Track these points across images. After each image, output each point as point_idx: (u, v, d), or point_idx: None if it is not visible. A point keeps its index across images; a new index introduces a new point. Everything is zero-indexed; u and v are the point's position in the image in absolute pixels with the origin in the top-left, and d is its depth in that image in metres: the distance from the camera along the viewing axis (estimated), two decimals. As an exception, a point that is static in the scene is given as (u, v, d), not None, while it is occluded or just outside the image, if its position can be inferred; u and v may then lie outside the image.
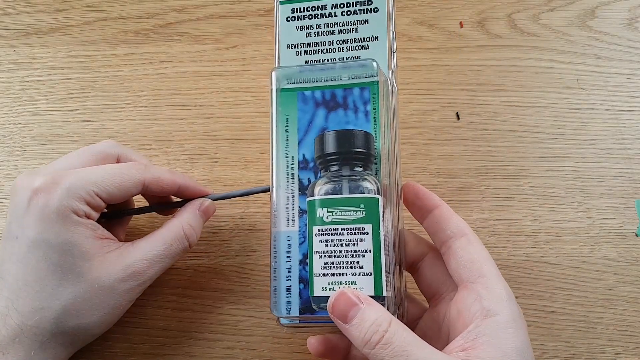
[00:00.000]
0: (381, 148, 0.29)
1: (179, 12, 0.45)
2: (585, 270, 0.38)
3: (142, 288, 0.31)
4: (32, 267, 0.28)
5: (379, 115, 0.30)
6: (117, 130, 0.42)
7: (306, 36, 0.32)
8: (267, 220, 0.39)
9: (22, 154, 0.41)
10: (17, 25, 0.45)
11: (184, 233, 0.32)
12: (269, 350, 0.36)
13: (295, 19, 0.33)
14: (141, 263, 0.30)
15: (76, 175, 0.29)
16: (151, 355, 0.36)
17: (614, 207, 0.39)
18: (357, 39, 0.32)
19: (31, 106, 0.43)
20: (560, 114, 0.42)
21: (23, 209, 0.29)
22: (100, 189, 0.29)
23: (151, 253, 0.31)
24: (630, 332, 0.37)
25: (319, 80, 0.31)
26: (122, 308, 0.31)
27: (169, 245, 0.31)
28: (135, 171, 0.31)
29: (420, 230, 0.33)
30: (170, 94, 0.43)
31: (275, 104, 0.30)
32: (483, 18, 0.45)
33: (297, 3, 0.33)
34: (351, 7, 0.32)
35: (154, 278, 0.31)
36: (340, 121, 0.30)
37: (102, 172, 0.30)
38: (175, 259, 0.32)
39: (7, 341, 0.28)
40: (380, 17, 0.32)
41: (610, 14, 0.44)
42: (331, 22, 0.32)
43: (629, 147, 0.41)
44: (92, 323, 0.30)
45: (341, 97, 0.30)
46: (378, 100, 0.30)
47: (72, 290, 0.29)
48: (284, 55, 0.33)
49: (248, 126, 0.42)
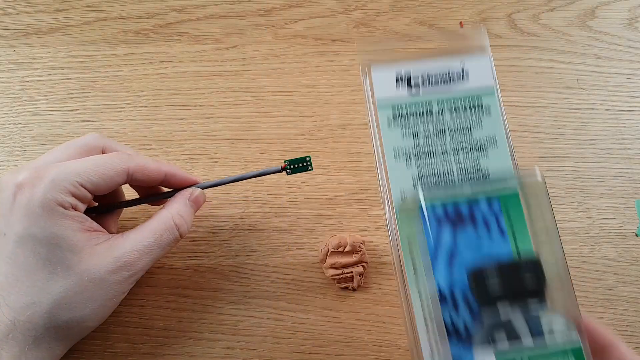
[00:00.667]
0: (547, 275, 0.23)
1: (179, 12, 0.45)
2: (585, 270, 0.38)
3: (134, 279, 0.31)
4: (21, 263, 0.28)
5: (522, 231, 0.24)
6: (117, 130, 0.42)
7: (415, 145, 0.27)
8: (267, 220, 0.39)
9: (22, 154, 0.41)
10: (17, 25, 0.45)
11: (174, 223, 0.32)
12: (269, 350, 0.36)
13: (397, 124, 0.28)
14: (131, 254, 0.30)
15: (59, 168, 0.29)
16: (151, 355, 0.36)
17: (614, 207, 0.39)
18: (473, 144, 0.27)
19: (31, 106, 0.43)
20: (560, 114, 0.42)
21: (8, 205, 0.29)
22: (84, 179, 0.29)
23: (141, 244, 0.31)
24: (630, 332, 0.37)
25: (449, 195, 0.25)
26: (114, 300, 0.31)
27: (159, 236, 0.31)
28: (118, 160, 0.31)
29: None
30: (170, 94, 0.43)
31: (401, 225, 0.25)
32: (483, 18, 0.45)
33: (398, 104, 0.28)
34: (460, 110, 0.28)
35: (145, 269, 0.31)
36: (471, 242, 0.25)
37: (85, 163, 0.30)
38: (166, 249, 0.32)
39: (1, 337, 0.28)
40: (493, 117, 0.27)
41: (610, 14, 0.44)
42: (440, 127, 0.27)
43: (629, 147, 0.41)
44: (85, 316, 0.30)
45: (467, 211, 0.25)
46: (517, 212, 0.25)
47: (63, 283, 0.29)
48: (391, 165, 0.27)
49: (248, 126, 0.42)
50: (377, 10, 0.45)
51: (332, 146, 0.41)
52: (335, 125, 0.42)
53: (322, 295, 0.38)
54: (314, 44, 0.44)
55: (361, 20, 0.45)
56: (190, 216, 0.33)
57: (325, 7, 0.45)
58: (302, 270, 0.38)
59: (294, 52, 0.44)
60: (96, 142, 0.33)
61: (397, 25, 0.44)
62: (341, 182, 0.40)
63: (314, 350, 0.36)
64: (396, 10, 0.45)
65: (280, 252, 0.39)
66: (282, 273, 0.38)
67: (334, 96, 0.42)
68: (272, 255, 0.38)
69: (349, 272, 0.37)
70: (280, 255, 0.38)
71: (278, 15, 0.45)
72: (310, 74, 0.43)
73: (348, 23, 0.45)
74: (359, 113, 0.42)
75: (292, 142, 0.41)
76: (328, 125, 0.42)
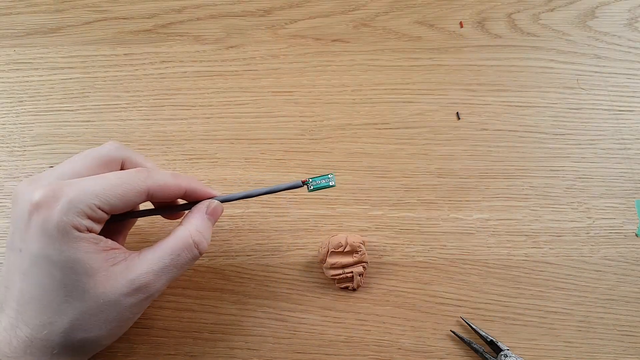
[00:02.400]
0: None
1: (179, 12, 0.45)
2: (585, 270, 0.38)
3: (149, 301, 0.31)
4: (37, 282, 0.28)
5: None
6: (117, 130, 0.42)
7: None
8: (267, 220, 0.39)
9: (22, 154, 0.41)
10: (17, 25, 0.45)
11: (193, 241, 0.31)
12: (269, 350, 0.36)
13: None
14: (147, 276, 0.29)
15: (76, 188, 0.28)
16: (151, 355, 0.36)
17: (614, 207, 0.39)
18: None
19: (31, 106, 0.43)
20: (560, 114, 0.42)
21: (24, 222, 0.28)
22: (102, 201, 0.28)
23: (157, 265, 0.30)
24: (630, 332, 0.37)
25: None
26: (129, 321, 0.31)
27: (177, 256, 0.30)
28: (138, 180, 0.30)
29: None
30: (170, 94, 0.43)
31: None
32: (483, 18, 0.45)
33: None
34: None
35: (161, 290, 0.30)
36: None
37: (104, 183, 0.29)
38: (184, 268, 0.31)
39: (19, 352, 0.28)
40: None
41: (610, 14, 0.44)
42: None
43: (629, 147, 0.41)
44: (101, 336, 0.30)
45: None
46: None
47: (78, 306, 0.28)
48: None
49: (248, 126, 0.42)
50: (377, 10, 0.45)
51: (332, 146, 0.41)
52: (335, 125, 0.42)
53: (322, 295, 0.38)
54: (313, 44, 0.44)
55: (361, 20, 0.45)
56: (209, 231, 0.32)
57: (325, 7, 0.45)
58: (302, 270, 0.38)
59: (293, 52, 0.44)
60: (116, 153, 0.32)
61: (397, 25, 0.45)
62: (341, 182, 0.40)
63: (314, 350, 0.36)
64: (396, 10, 0.45)
65: (280, 252, 0.39)
66: (282, 273, 0.38)
67: (334, 96, 0.42)
68: (272, 255, 0.38)
69: (349, 272, 0.37)
70: (280, 255, 0.38)
71: (278, 15, 0.45)
72: (310, 74, 0.43)
73: (348, 23, 0.45)
74: (359, 113, 0.42)
75: (292, 142, 0.41)
76: (328, 125, 0.42)
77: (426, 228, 0.39)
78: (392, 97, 0.42)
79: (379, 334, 0.37)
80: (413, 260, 0.38)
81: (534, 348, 0.36)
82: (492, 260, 0.38)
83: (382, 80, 0.43)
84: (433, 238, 0.39)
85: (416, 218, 0.39)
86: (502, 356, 0.35)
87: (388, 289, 0.38)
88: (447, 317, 0.37)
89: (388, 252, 0.38)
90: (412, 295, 0.38)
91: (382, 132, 0.41)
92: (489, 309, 0.37)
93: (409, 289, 0.38)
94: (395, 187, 0.40)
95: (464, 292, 0.38)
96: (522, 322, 0.37)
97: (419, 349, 0.36)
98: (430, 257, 0.38)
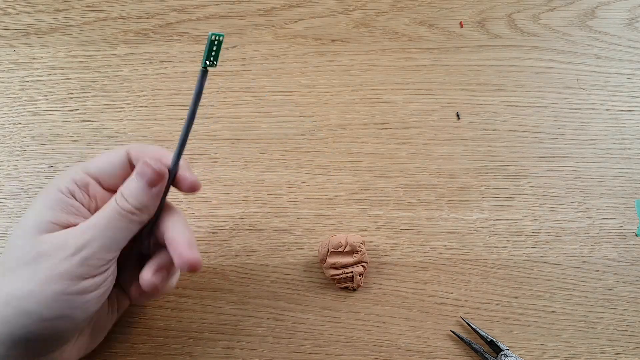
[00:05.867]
0: None
1: (179, 12, 0.45)
2: (585, 270, 0.38)
3: (100, 271, 0.29)
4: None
5: None
6: (117, 130, 0.42)
7: None
8: (267, 220, 0.39)
9: (22, 154, 0.41)
10: (17, 25, 0.45)
11: (116, 196, 0.30)
12: (269, 350, 0.36)
13: None
14: (83, 237, 0.28)
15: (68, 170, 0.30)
16: (151, 355, 0.36)
17: (614, 207, 0.39)
18: None
19: (31, 106, 0.43)
20: (560, 114, 0.42)
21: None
22: (85, 166, 0.31)
23: (89, 225, 0.29)
24: (630, 332, 0.37)
25: None
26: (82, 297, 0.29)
27: (105, 213, 0.29)
28: (118, 147, 0.32)
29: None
30: (170, 94, 0.43)
31: None
32: (483, 18, 0.45)
33: None
34: None
35: (103, 256, 0.29)
36: None
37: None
38: (118, 228, 0.29)
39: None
40: None
41: (610, 14, 0.44)
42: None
43: (629, 147, 0.41)
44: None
45: None
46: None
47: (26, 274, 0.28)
48: None
49: (248, 126, 0.42)
50: (377, 10, 0.45)
51: (332, 146, 0.41)
52: (335, 125, 0.42)
53: (322, 295, 0.38)
54: (313, 44, 0.44)
55: (361, 20, 0.45)
56: (137, 190, 0.29)
57: (325, 7, 0.45)
58: (302, 270, 0.38)
59: (293, 52, 0.44)
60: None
61: (397, 25, 0.45)
62: (341, 182, 0.40)
63: (314, 350, 0.36)
64: (396, 10, 0.45)
65: (280, 252, 0.39)
66: (282, 273, 0.38)
67: (334, 96, 0.42)
68: (272, 255, 0.38)
69: (349, 272, 0.37)
70: (280, 255, 0.38)
71: (278, 15, 0.45)
72: (310, 74, 0.43)
73: (348, 23, 0.45)
74: (359, 113, 0.42)
75: (292, 142, 0.41)
76: (328, 125, 0.42)
77: (426, 228, 0.39)
78: (392, 97, 0.42)
79: (379, 334, 0.37)
80: (413, 260, 0.38)
81: (534, 348, 0.36)
82: (492, 260, 0.38)
83: (382, 80, 0.43)
84: (433, 238, 0.39)
85: (416, 218, 0.39)
86: (502, 356, 0.35)
87: (388, 289, 0.38)
88: (447, 317, 0.37)
89: (388, 252, 0.38)
90: (412, 295, 0.38)
91: (382, 132, 0.41)
92: (489, 309, 0.37)
93: (409, 289, 0.38)
94: (395, 187, 0.40)
95: (464, 292, 0.38)
96: (522, 322, 0.37)
97: (419, 349, 0.36)
98: (430, 257, 0.38)
